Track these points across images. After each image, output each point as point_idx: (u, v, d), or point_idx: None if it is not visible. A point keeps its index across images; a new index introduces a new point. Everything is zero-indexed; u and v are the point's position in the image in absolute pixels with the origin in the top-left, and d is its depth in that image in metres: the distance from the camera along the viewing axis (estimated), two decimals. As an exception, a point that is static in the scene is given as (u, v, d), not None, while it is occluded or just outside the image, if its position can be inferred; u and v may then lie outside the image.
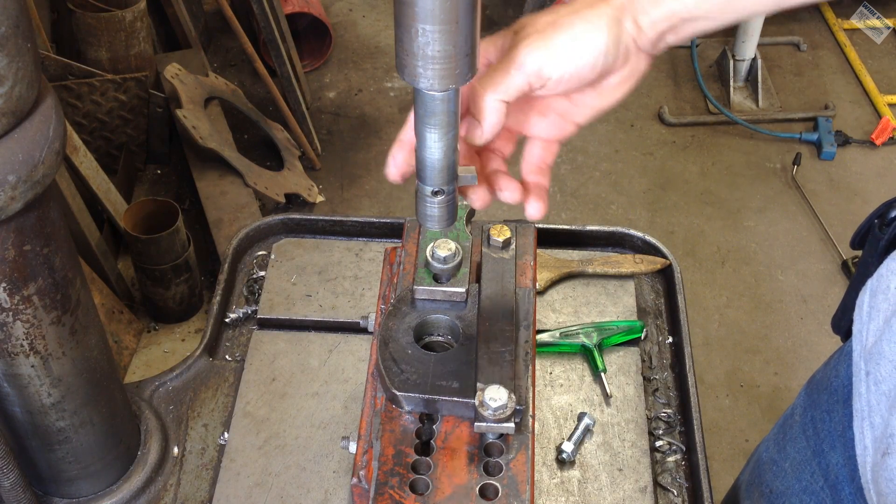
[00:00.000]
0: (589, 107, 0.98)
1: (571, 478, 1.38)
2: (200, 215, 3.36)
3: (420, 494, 0.96)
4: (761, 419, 3.06)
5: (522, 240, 1.20)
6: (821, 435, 1.33)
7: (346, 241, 1.71)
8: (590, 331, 1.53)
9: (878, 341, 1.13)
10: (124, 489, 1.35)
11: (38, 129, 0.95)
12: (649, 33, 0.93)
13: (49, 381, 1.15)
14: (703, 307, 3.40)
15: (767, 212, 3.77)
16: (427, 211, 0.93)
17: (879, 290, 1.17)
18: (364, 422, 1.09)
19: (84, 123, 3.34)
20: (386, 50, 4.47)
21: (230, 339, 1.58)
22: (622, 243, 1.71)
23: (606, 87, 0.96)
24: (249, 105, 3.80)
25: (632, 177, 3.90)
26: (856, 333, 1.21)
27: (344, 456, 1.39)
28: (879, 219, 1.25)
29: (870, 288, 1.20)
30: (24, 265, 1.02)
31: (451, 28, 0.75)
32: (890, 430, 1.07)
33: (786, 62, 4.48)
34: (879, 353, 1.13)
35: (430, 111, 0.84)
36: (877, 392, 1.13)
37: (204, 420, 1.46)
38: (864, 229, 1.28)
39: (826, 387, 1.29)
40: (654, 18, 0.92)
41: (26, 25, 0.88)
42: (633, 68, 0.95)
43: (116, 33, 3.35)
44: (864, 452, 1.16)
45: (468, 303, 1.09)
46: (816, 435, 1.34)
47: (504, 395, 0.97)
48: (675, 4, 0.92)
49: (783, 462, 1.40)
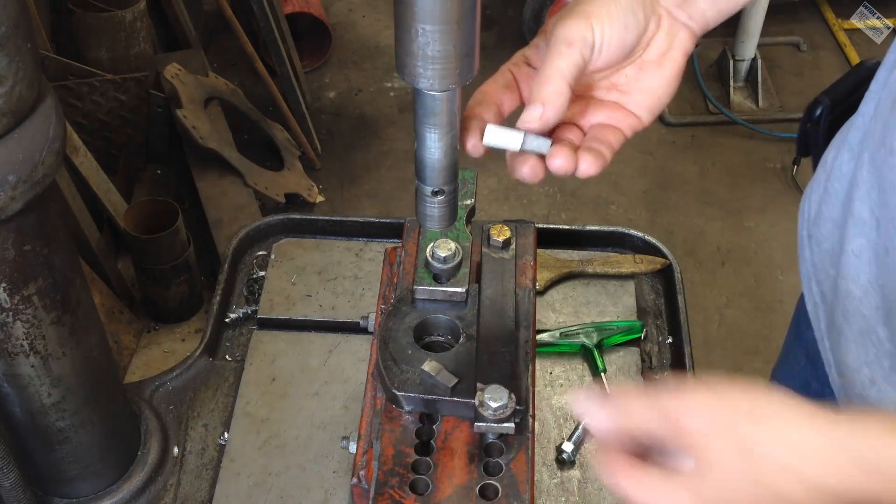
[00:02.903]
0: (640, 91, 0.95)
1: (571, 478, 1.38)
2: (200, 215, 3.36)
3: (420, 494, 0.96)
4: (761, 419, 3.06)
5: (522, 240, 1.20)
6: (800, 319, 1.44)
7: (346, 241, 1.71)
8: (590, 331, 1.53)
9: (819, 206, 1.22)
10: (124, 489, 1.35)
11: (38, 129, 0.95)
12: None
13: (49, 381, 1.15)
14: (703, 307, 3.40)
15: (767, 212, 3.77)
16: (427, 211, 0.93)
17: (819, 166, 1.27)
18: (364, 422, 1.09)
19: (84, 123, 3.34)
20: (386, 50, 4.47)
21: (230, 339, 1.58)
22: (622, 243, 1.71)
23: (648, 62, 0.94)
24: (249, 105, 3.80)
25: (632, 177, 3.90)
26: (800, 211, 1.31)
27: (344, 456, 1.39)
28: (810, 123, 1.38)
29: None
30: (24, 265, 1.02)
31: (450, 28, 0.75)
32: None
33: (786, 62, 4.48)
34: (819, 216, 1.22)
35: (430, 111, 0.84)
36: (819, 252, 1.23)
37: (204, 420, 1.46)
38: (802, 136, 1.42)
39: None
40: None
41: (26, 25, 0.88)
42: (670, 38, 0.93)
43: (116, 33, 3.35)
44: (815, 308, 1.26)
45: (468, 303, 1.09)
46: (797, 322, 1.46)
47: (504, 395, 0.97)
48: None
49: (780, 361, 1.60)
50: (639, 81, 0.95)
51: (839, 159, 1.19)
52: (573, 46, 0.87)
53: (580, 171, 0.90)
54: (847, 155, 1.17)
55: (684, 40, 0.94)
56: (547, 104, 0.86)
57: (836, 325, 1.17)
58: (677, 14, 0.94)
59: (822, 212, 1.22)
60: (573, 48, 0.87)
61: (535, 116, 0.87)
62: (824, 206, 1.21)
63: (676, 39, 0.94)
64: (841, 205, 1.17)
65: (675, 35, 0.94)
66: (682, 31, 0.94)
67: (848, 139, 1.18)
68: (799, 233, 1.31)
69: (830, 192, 1.20)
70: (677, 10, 0.94)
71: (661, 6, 0.93)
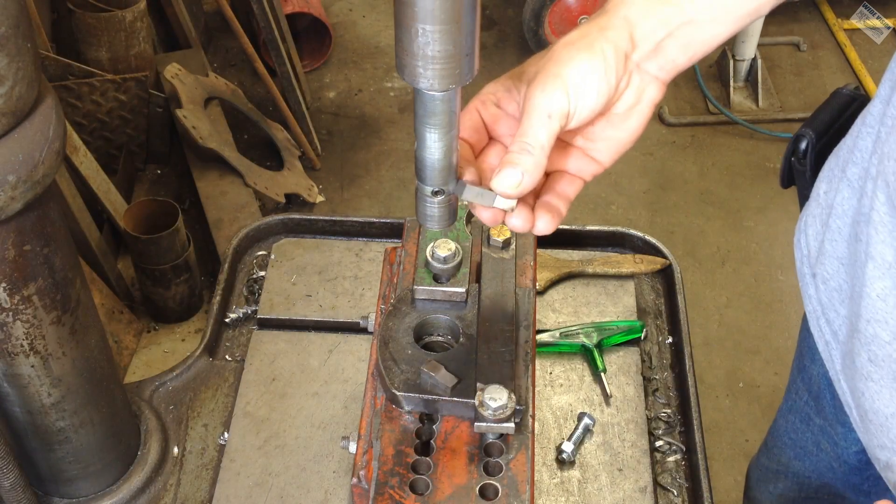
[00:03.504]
0: (605, 140, 0.96)
1: (571, 478, 1.38)
2: (200, 215, 3.36)
3: (420, 494, 0.96)
4: (761, 419, 3.06)
5: (522, 240, 1.20)
6: (803, 353, 1.43)
7: (346, 241, 1.71)
8: (590, 331, 1.53)
9: (821, 244, 1.20)
10: (124, 489, 1.35)
11: (38, 129, 0.95)
12: (646, 44, 0.91)
13: (49, 381, 1.15)
14: (703, 307, 3.40)
15: (767, 212, 3.77)
16: (427, 211, 0.93)
17: (812, 199, 1.25)
18: (364, 422, 1.09)
19: (84, 123, 3.34)
20: (386, 50, 4.47)
21: (230, 339, 1.58)
22: (622, 243, 1.71)
23: (615, 116, 0.94)
24: (249, 105, 3.80)
25: (632, 177, 3.90)
26: (796, 244, 1.29)
27: (344, 456, 1.39)
28: (794, 155, 1.36)
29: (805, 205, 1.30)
30: (24, 265, 1.02)
31: (451, 28, 0.75)
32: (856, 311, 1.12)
33: (786, 62, 4.48)
34: (822, 253, 1.20)
35: (430, 111, 0.84)
36: (826, 290, 1.21)
37: (204, 420, 1.46)
38: (785, 168, 1.40)
39: None
40: (646, 29, 0.91)
41: (26, 25, 0.88)
42: (638, 92, 0.93)
43: (116, 33, 3.35)
44: (828, 347, 1.24)
45: (468, 303, 1.09)
46: (800, 355, 1.44)
47: (504, 395, 0.97)
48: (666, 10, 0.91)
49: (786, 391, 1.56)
50: (605, 132, 0.95)
51: (839, 196, 1.16)
52: (553, 119, 0.87)
53: (536, 230, 0.93)
54: (847, 192, 1.15)
55: (653, 93, 0.94)
56: (526, 174, 0.88)
57: (859, 369, 1.13)
58: (647, 67, 0.93)
59: (826, 249, 1.19)
60: (553, 120, 0.87)
61: (513, 184, 0.88)
62: (827, 244, 1.19)
63: (645, 94, 0.94)
64: (846, 243, 1.15)
65: (644, 90, 0.93)
66: (651, 84, 0.94)
67: (847, 175, 1.15)
68: (799, 269, 1.28)
69: (833, 230, 1.17)
70: (647, 63, 0.93)
71: (632, 61, 0.92)
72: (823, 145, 1.32)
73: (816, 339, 1.26)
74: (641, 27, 0.91)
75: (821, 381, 1.40)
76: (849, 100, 1.33)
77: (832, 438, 1.44)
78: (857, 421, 1.19)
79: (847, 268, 1.15)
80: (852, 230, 1.12)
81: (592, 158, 0.97)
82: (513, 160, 0.88)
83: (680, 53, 0.93)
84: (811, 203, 1.26)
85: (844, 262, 1.15)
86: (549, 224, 0.93)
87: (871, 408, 1.12)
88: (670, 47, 0.92)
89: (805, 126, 1.35)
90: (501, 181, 0.88)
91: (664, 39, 0.92)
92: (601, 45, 0.89)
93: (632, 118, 0.94)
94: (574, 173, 0.98)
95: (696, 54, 0.94)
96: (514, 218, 0.92)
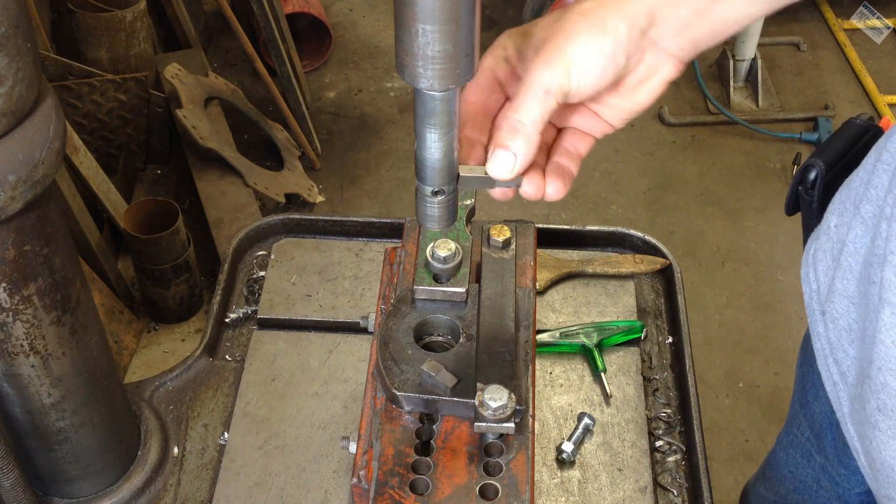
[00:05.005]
0: (612, 107, 0.94)
1: (571, 478, 1.38)
2: (200, 215, 3.36)
3: (420, 494, 0.96)
4: (761, 419, 3.06)
5: (522, 240, 1.20)
6: (806, 387, 1.39)
7: (346, 241, 1.71)
8: (590, 331, 1.53)
9: (831, 281, 1.16)
10: (124, 489, 1.35)
11: (38, 129, 0.95)
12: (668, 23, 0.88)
13: (49, 381, 1.15)
14: (703, 307, 3.40)
15: (767, 212, 3.77)
16: (427, 211, 0.93)
17: (822, 232, 1.21)
18: (364, 422, 1.09)
19: (84, 123, 3.34)
20: (386, 50, 4.47)
21: (230, 339, 1.58)
22: (622, 243, 1.71)
23: (623, 88, 0.92)
24: (249, 105, 3.80)
25: (632, 177, 3.90)
26: (804, 277, 1.25)
27: (344, 456, 1.39)
28: (801, 185, 1.31)
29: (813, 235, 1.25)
30: (24, 265, 1.02)
31: (451, 28, 0.75)
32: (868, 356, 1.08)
33: (786, 62, 4.48)
34: (832, 291, 1.16)
35: (430, 111, 0.84)
36: (835, 329, 1.16)
37: (204, 420, 1.46)
38: (792, 197, 1.35)
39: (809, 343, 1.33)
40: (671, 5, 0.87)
41: (26, 25, 0.88)
42: (650, 69, 0.90)
43: (116, 33, 3.35)
44: (835, 388, 1.19)
45: (468, 303, 1.09)
46: (803, 388, 1.40)
47: (504, 395, 0.97)
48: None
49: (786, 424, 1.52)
50: (612, 100, 0.93)
51: (852, 233, 1.12)
52: (550, 95, 0.86)
53: (547, 196, 0.92)
54: (861, 230, 1.10)
55: (667, 70, 0.91)
56: (519, 155, 0.87)
57: (867, 416, 1.08)
58: (666, 44, 0.89)
59: (836, 287, 1.15)
60: (550, 97, 0.86)
61: (507, 168, 0.88)
62: (838, 281, 1.14)
63: (658, 71, 0.91)
64: (857, 281, 1.10)
65: (657, 67, 0.91)
66: (666, 62, 0.91)
67: (861, 213, 1.10)
68: (808, 304, 1.23)
69: (845, 268, 1.13)
70: (667, 40, 0.89)
71: (648, 38, 0.88)
72: (833, 176, 1.27)
73: (824, 378, 1.21)
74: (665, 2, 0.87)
75: (822, 420, 1.35)
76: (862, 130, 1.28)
77: (833, 479, 1.40)
78: (866, 467, 1.15)
79: (858, 308, 1.10)
80: (864, 270, 1.08)
81: (601, 118, 0.96)
82: (504, 142, 0.87)
83: (704, 32, 0.90)
84: (821, 236, 1.21)
85: (855, 301, 1.11)
86: (560, 190, 0.92)
87: (879, 457, 1.08)
88: (695, 25, 0.89)
89: (815, 156, 1.29)
90: (495, 167, 0.88)
91: (689, 17, 0.88)
92: (614, 23, 0.86)
93: (640, 92, 0.92)
94: (584, 130, 0.96)
95: (722, 35, 0.91)
96: (526, 186, 0.91)
